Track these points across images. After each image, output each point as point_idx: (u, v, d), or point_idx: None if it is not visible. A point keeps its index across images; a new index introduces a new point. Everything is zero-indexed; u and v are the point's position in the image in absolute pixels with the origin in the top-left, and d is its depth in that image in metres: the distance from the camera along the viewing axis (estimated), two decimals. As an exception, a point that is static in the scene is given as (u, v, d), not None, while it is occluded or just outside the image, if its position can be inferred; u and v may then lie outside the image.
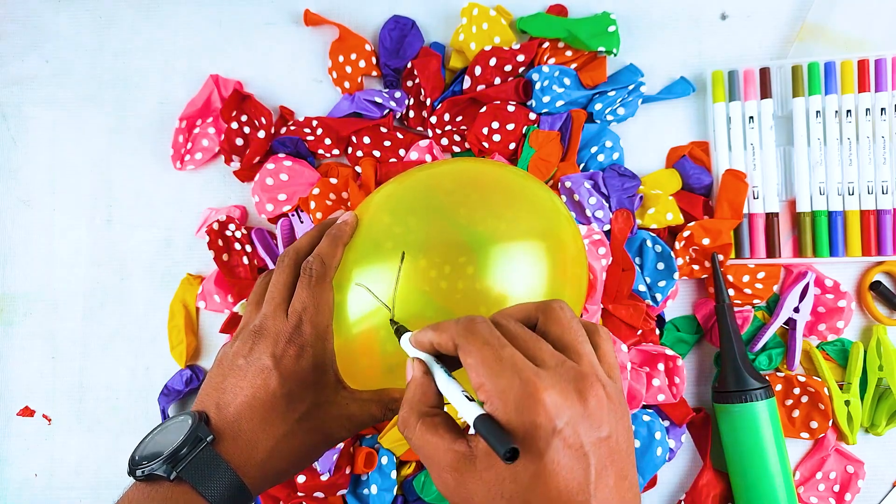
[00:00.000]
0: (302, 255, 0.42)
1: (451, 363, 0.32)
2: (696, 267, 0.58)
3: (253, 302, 0.43)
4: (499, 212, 0.43)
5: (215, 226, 0.58)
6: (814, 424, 0.57)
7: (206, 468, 0.35)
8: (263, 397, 0.37)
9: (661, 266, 0.57)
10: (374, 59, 0.61)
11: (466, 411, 0.29)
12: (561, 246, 0.43)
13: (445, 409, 0.33)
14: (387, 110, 0.60)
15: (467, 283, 0.40)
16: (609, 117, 0.59)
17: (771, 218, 0.58)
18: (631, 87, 0.59)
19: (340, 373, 0.42)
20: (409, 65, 0.60)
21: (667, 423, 0.57)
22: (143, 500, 0.35)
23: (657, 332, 0.58)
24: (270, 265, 0.60)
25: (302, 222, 0.59)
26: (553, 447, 0.27)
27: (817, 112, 0.58)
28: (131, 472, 0.36)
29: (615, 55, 0.59)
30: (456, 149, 0.61)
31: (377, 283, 0.41)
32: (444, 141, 0.60)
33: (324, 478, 0.55)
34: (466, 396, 0.30)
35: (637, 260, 0.58)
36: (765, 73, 0.58)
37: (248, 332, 0.40)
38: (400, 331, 0.37)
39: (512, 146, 0.59)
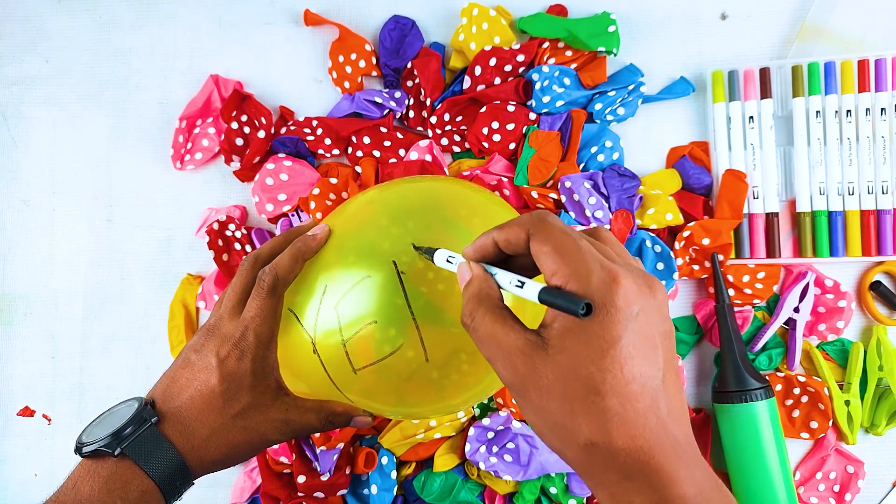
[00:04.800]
0: (261, 262, 0.44)
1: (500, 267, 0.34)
2: (696, 267, 0.58)
3: (220, 300, 0.46)
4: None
5: (215, 226, 0.58)
6: (814, 424, 0.57)
7: (149, 446, 0.38)
8: (203, 391, 0.40)
9: (660, 266, 0.57)
10: (374, 59, 0.61)
11: (531, 289, 0.30)
12: None
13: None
14: (387, 110, 0.60)
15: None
16: (609, 117, 0.59)
17: (771, 218, 0.58)
18: (631, 87, 0.59)
19: (293, 378, 0.44)
20: (409, 65, 0.60)
21: (667, 423, 0.57)
22: (89, 475, 0.38)
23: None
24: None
25: (302, 222, 0.59)
26: (630, 331, 0.28)
27: (817, 112, 0.58)
28: (78, 451, 0.39)
29: (615, 55, 0.59)
30: (456, 149, 0.61)
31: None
32: (444, 141, 0.60)
33: (324, 478, 0.55)
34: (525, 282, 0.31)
35: (637, 260, 0.58)
36: (765, 73, 0.58)
37: (204, 328, 0.43)
38: (429, 251, 0.38)
39: (512, 146, 0.59)
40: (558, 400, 0.28)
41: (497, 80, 0.59)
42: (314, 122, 0.60)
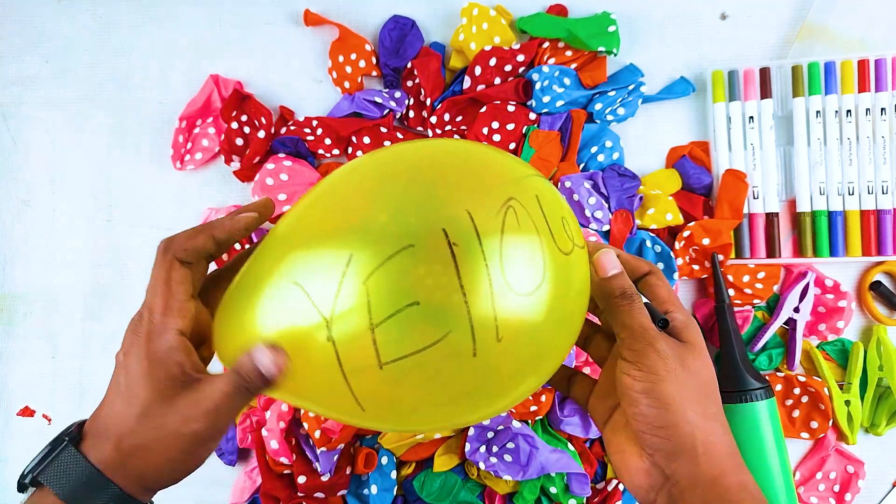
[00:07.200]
0: (169, 244, 0.38)
1: None
2: (696, 267, 0.58)
3: None
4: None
5: (215, 226, 0.58)
6: (814, 424, 0.57)
7: (64, 468, 0.35)
8: (110, 395, 0.36)
9: (660, 266, 0.57)
10: (374, 59, 0.61)
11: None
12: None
13: None
14: (387, 110, 0.60)
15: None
16: (609, 117, 0.59)
17: (771, 218, 0.58)
18: (631, 87, 0.59)
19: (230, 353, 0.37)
20: (409, 65, 0.60)
21: (667, 423, 0.57)
22: None
23: (657, 332, 0.58)
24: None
25: (302, 222, 0.59)
26: (702, 361, 0.38)
27: (817, 112, 0.58)
28: (22, 489, 0.36)
29: (615, 55, 0.59)
30: (456, 149, 0.61)
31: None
32: (444, 141, 0.60)
33: (324, 478, 0.55)
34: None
35: (637, 260, 0.58)
36: (765, 73, 0.58)
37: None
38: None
39: (512, 146, 0.59)
40: (695, 383, 0.37)
41: (497, 80, 0.59)
42: (314, 122, 0.60)
